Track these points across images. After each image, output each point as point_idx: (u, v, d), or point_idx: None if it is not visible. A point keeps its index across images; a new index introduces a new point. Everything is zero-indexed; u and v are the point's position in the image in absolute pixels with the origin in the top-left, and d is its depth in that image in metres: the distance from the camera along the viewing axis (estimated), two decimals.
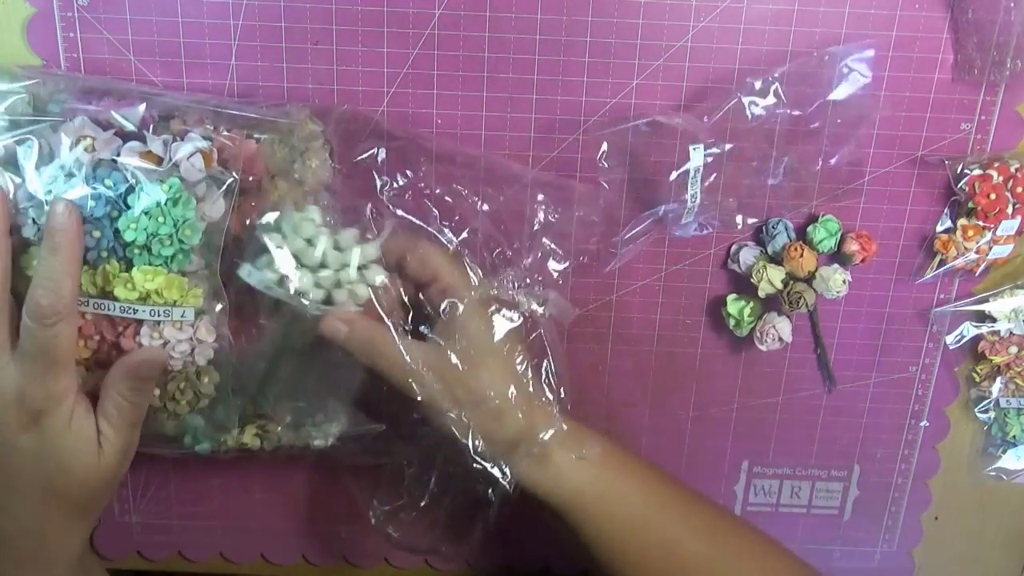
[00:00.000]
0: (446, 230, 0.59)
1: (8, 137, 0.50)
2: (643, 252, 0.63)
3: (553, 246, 0.60)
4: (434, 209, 0.59)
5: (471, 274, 0.57)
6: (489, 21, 0.58)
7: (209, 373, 0.55)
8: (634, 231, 0.61)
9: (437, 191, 0.60)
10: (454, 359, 0.55)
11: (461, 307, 0.55)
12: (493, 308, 0.56)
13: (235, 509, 0.71)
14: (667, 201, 0.60)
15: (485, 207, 0.60)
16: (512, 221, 0.60)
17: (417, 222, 0.58)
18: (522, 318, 0.57)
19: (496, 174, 0.60)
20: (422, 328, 0.57)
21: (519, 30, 0.58)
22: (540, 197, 0.60)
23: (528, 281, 0.58)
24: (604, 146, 0.59)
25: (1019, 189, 0.60)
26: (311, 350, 0.57)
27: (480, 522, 0.58)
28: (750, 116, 0.58)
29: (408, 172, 0.59)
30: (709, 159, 0.58)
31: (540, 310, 0.57)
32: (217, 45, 0.58)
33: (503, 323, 0.56)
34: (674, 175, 0.59)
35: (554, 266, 0.60)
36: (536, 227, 0.60)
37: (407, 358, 0.54)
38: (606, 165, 0.59)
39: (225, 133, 0.52)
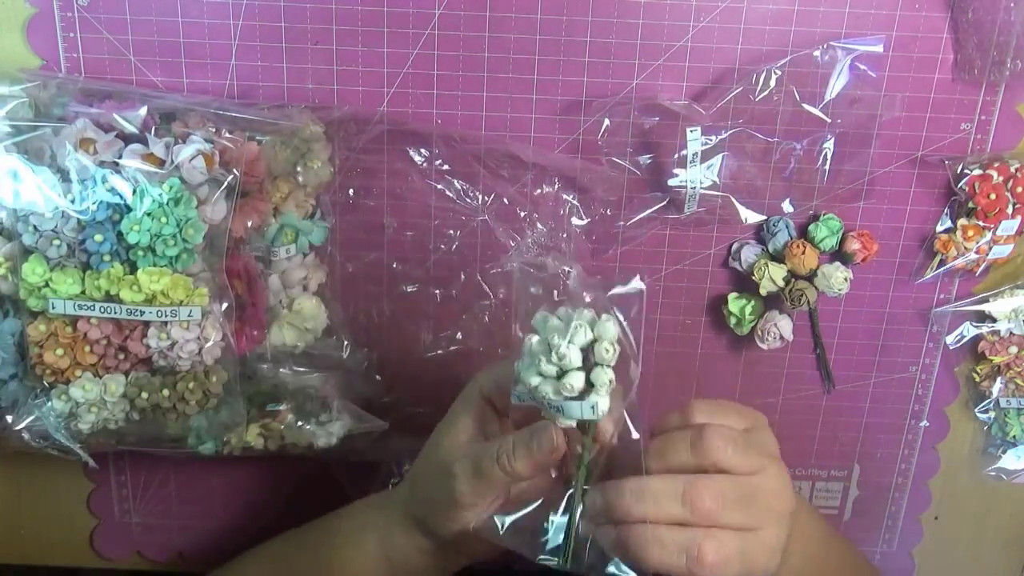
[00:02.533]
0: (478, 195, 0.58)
1: (10, 142, 0.51)
2: (643, 252, 0.63)
3: (575, 202, 0.60)
4: (457, 183, 0.60)
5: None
6: (489, 21, 0.58)
7: (217, 372, 0.55)
8: (638, 216, 0.62)
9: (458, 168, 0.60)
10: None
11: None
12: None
13: (235, 509, 0.71)
14: (669, 188, 0.60)
15: (504, 173, 0.61)
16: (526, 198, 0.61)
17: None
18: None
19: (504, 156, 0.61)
20: None
21: (519, 30, 0.58)
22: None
23: (554, 241, 0.56)
24: (606, 123, 0.59)
25: (1019, 189, 0.60)
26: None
27: None
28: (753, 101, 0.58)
29: (423, 151, 0.60)
30: (707, 144, 0.59)
31: (568, 270, 0.48)
32: (217, 45, 0.58)
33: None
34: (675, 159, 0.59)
35: (577, 222, 0.60)
36: (557, 187, 0.60)
37: None
38: (607, 149, 0.60)
39: (227, 135, 0.52)
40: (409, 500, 0.54)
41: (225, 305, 0.54)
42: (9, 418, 0.55)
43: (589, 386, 0.45)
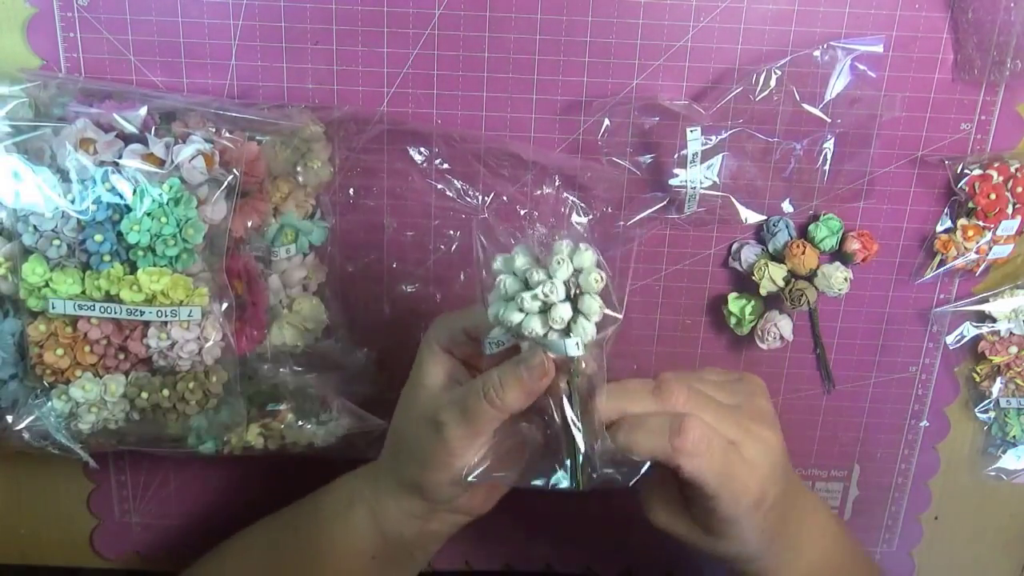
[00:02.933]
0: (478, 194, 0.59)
1: (10, 142, 0.51)
2: (643, 252, 0.63)
3: (575, 200, 0.60)
4: (457, 182, 0.60)
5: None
6: (489, 21, 0.58)
7: (217, 372, 0.55)
8: (638, 216, 0.62)
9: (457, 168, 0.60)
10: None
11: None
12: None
13: (235, 509, 0.71)
14: (669, 188, 0.60)
15: (504, 173, 0.61)
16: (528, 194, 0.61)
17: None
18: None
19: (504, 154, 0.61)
20: None
21: (519, 30, 0.58)
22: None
23: (557, 238, 0.57)
24: (606, 123, 0.59)
25: (1019, 189, 0.60)
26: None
27: None
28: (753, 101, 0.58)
29: (423, 151, 0.60)
30: (707, 144, 0.59)
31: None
32: (217, 45, 0.58)
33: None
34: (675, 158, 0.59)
35: (577, 219, 0.60)
36: (557, 186, 0.60)
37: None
38: (606, 149, 0.60)
39: (227, 135, 0.52)
40: (395, 466, 0.53)
41: (225, 305, 0.54)
42: (9, 418, 0.55)
43: (575, 314, 0.46)
